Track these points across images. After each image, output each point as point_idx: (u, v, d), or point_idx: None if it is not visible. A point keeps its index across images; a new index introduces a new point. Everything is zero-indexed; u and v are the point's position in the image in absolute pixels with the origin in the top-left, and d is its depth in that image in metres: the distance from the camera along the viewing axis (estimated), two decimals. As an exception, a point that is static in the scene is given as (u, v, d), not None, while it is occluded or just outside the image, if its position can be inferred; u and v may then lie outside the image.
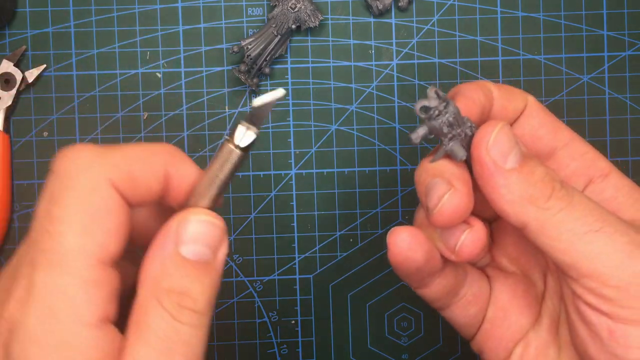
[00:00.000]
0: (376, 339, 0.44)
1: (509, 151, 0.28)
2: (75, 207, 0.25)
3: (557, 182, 0.28)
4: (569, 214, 0.28)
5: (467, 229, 0.30)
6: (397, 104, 0.43)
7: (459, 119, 0.29)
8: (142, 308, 0.26)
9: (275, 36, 0.42)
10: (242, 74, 0.42)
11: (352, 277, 0.44)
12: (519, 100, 0.32)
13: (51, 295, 0.25)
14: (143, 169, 0.27)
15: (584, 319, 0.28)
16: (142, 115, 0.43)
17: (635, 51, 0.44)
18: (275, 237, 0.43)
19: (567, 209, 0.28)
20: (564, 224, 0.28)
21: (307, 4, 0.42)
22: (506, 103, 0.32)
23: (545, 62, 0.44)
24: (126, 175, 0.26)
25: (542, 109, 0.33)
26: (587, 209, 0.28)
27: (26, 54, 0.43)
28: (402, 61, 0.43)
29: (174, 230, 0.27)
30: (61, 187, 0.26)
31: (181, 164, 0.28)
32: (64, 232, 0.25)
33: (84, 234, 0.25)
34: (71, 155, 0.26)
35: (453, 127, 0.28)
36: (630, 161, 0.44)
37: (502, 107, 0.32)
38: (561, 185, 0.28)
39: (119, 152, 0.27)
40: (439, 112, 0.28)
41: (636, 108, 0.44)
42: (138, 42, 0.43)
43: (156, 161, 0.27)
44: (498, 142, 0.28)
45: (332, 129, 0.43)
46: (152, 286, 0.26)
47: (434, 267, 0.31)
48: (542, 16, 0.43)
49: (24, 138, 0.43)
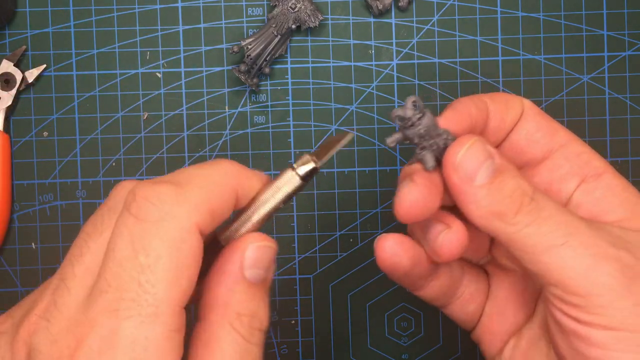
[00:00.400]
0: (376, 339, 0.44)
1: (478, 167, 0.29)
2: (166, 257, 0.25)
3: (526, 197, 0.29)
4: (535, 229, 0.29)
5: (445, 229, 0.31)
6: (397, 104, 0.43)
7: (434, 131, 0.29)
8: (213, 333, 0.27)
9: (275, 36, 0.42)
10: (242, 74, 0.42)
11: (352, 277, 0.44)
12: (515, 109, 0.33)
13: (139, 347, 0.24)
14: (221, 201, 0.27)
15: (554, 317, 0.29)
16: (142, 115, 0.43)
17: (635, 51, 0.44)
18: (275, 237, 0.43)
19: (534, 224, 0.29)
20: (529, 238, 0.29)
21: (307, 4, 0.42)
22: (503, 115, 0.32)
23: (545, 62, 0.44)
24: (208, 215, 0.26)
25: (539, 113, 0.33)
26: (555, 223, 0.29)
27: (26, 54, 0.43)
28: (402, 61, 0.43)
29: (238, 257, 0.28)
30: (147, 234, 0.25)
31: (247, 180, 0.28)
32: (156, 284, 0.25)
33: (174, 285, 0.25)
34: (151, 197, 0.26)
35: (425, 138, 0.29)
36: (630, 161, 0.44)
37: (500, 119, 0.32)
38: (531, 199, 0.29)
39: (197, 190, 0.26)
40: (412, 122, 0.29)
41: (636, 108, 0.44)
42: (138, 42, 0.43)
43: (229, 189, 0.28)
44: (467, 159, 0.29)
45: (332, 129, 0.43)
46: (223, 311, 0.27)
47: (423, 271, 0.33)
48: (542, 16, 0.43)
49: (24, 138, 0.43)
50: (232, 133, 0.43)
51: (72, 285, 0.26)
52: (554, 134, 0.33)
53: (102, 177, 0.43)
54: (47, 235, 0.43)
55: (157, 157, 0.43)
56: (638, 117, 0.44)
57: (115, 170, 0.43)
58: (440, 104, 0.43)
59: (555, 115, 0.43)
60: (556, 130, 0.33)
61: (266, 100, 0.43)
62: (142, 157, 0.43)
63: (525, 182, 0.30)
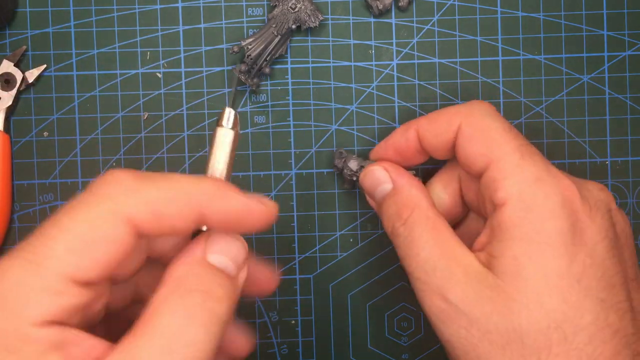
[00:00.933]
0: (376, 339, 0.44)
1: (372, 190, 0.39)
2: (79, 223, 0.27)
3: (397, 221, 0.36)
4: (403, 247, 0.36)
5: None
6: (397, 104, 0.43)
7: (360, 165, 0.41)
8: (155, 307, 0.27)
9: (276, 36, 0.42)
10: (242, 74, 0.42)
11: (352, 277, 0.44)
12: (443, 130, 0.36)
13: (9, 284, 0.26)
14: (171, 212, 0.28)
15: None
16: (142, 115, 0.43)
17: (635, 51, 0.44)
18: (275, 237, 0.43)
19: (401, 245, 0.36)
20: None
21: (307, 4, 0.42)
22: (437, 135, 0.37)
23: (545, 62, 0.44)
24: (151, 215, 0.27)
25: (477, 129, 0.35)
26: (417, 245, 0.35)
27: (26, 54, 0.43)
28: (402, 61, 0.43)
29: (203, 242, 0.29)
30: (81, 201, 0.28)
31: (221, 202, 0.29)
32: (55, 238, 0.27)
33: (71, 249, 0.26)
34: (110, 179, 0.28)
35: (356, 172, 0.41)
36: (630, 161, 0.44)
37: (436, 139, 0.37)
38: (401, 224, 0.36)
39: (153, 191, 0.28)
40: (342, 165, 0.42)
41: (636, 108, 0.44)
42: (138, 42, 0.43)
43: (188, 205, 0.28)
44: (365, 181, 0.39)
45: (332, 129, 0.43)
46: (175, 286, 0.28)
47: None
48: (542, 16, 0.43)
49: (24, 138, 0.43)
50: (232, 133, 0.43)
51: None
52: (489, 149, 0.34)
53: (102, 177, 0.43)
54: (47, 235, 0.43)
55: (157, 157, 0.43)
56: (638, 117, 0.44)
57: (115, 170, 0.43)
58: (440, 104, 0.43)
59: (556, 115, 0.44)
60: (490, 146, 0.34)
61: (266, 100, 0.43)
62: (142, 157, 0.43)
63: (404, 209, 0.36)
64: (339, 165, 0.42)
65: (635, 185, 0.44)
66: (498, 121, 0.35)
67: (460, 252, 0.35)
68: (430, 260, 0.35)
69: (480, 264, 0.34)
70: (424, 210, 0.36)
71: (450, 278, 0.34)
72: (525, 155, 0.34)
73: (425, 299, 0.34)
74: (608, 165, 0.44)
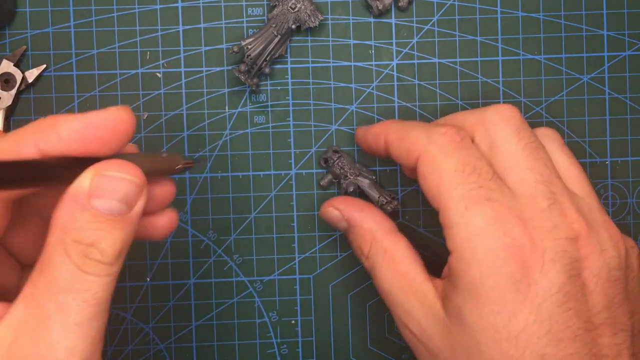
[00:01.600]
0: (376, 339, 0.44)
1: (335, 226, 0.40)
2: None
3: (361, 256, 0.39)
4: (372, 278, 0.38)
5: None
6: (397, 104, 0.43)
7: (351, 167, 0.42)
8: (48, 256, 0.27)
9: (275, 36, 0.42)
10: (242, 74, 0.42)
11: (352, 277, 0.44)
12: (405, 156, 0.36)
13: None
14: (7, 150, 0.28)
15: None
16: (142, 115, 0.43)
17: (635, 51, 0.44)
18: (275, 237, 0.43)
19: (371, 276, 0.38)
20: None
21: (307, 4, 0.42)
22: (397, 158, 0.37)
23: (545, 62, 0.44)
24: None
25: (430, 169, 0.34)
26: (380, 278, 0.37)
27: (26, 54, 0.43)
28: (402, 61, 0.43)
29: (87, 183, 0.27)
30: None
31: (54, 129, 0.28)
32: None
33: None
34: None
35: (345, 172, 0.42)
36: (630, 161, 0.44)
37: (396, 160, 0.37)
38: (365, 258, 0.38)
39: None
40: (333, 162, 0.42)
41: (636, 108, 0.44)
42: (138, 42, 0.43)
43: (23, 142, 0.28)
44: (324, 219, 0.41)
45: (332, 129, 0.43)
46: (60, 236, 0.27)
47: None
48: (542, 16, 0.43)
49: (24, 138, 0.43)
50: (232, 133, 0.43)
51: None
52: (438, 192, 0.34)
53: (102, 177, 0.43)
54: (47, 235, 0.43)
55: (157, 157, 0.43)
56: (638, 117, 0.44)
57: (115, 170, 0.43)
58: (440, 104, 0.43)
59: (555, 115, 0.44)
60: (439, 190, 0.34)
61: (266, 100, 0.43)
62: (142, 157, 0.43)
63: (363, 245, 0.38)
64: (332, 157, 0.42)
65: (635, 185, 0.44)
66: (453, 157, 0.34)
67: (418, 281, 0.35)
68: (392, 294, 0.36)
69: (436, 296, 0.35)
70: (379, 242, 0.37)
71: (409, 311, 0.35)
72: (470, 204, 0.33)
73: (397, 325, 0.37)
74: (608, 165, 0.44)
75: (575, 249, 0.33)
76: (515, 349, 0.31)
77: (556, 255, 0.32)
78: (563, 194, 0.34)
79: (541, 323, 0.31)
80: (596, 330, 0.32)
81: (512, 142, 0.34)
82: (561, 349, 0.31)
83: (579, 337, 0.32)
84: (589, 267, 0.33)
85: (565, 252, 0.32)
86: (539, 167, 0.34)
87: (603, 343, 0.32)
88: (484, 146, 0.35)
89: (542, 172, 0.34)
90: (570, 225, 0.33)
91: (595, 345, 0.32)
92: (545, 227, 0.33)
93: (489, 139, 0.35)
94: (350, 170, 0.42)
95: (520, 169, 0.34)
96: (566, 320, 0.32)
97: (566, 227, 0.33)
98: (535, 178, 0.34)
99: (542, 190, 0.33)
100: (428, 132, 0.35)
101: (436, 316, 0.34)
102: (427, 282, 0.35)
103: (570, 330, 0.32)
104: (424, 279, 0.35)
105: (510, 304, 0.32)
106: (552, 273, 0.32)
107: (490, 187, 0.33)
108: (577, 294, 0.32)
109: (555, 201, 0.33)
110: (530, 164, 0.34)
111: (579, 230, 0.33)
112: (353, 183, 0.42)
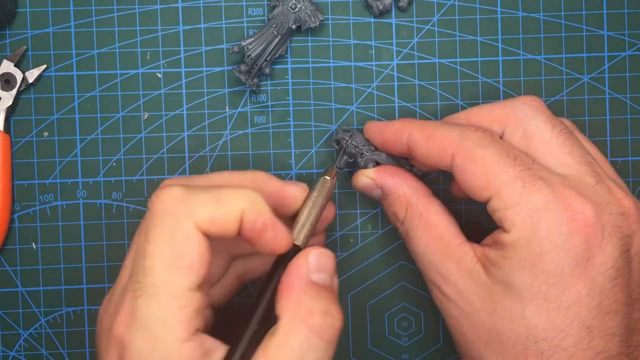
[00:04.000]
0: (376, 339, 0.44)
1: (368, 195, 0.40)
2: (162, 245, 0.30)
3: (396, 222, 0.39)
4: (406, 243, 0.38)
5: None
6: (397, 104, 0.43)
7: (365, 144, 0.41)
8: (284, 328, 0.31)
9: (276, 36, 0.42)
10: (242, 74, 0.42)
11: (352, 277, 0.44)
12: (435, 156, 0.36)
13: (149, 320, 0.30)
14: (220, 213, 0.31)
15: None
16: (143, 116, 0.43)
17: (635, 51, 0.44)
18: (275, 237, 0.43)
19: (405, 241, 0.38)
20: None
21: (307, 4, 0.42)
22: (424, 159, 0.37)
23: (545, 62, 0.44)
24: (207, 217, 0.31)
25: (471, 162, 0.35)
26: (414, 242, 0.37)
27: (26, 54, 0.43)
28: (402, 61, 0.43)
29: (304, 262, 0.33)
30: (151, 226, 0.31)
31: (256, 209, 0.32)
32: (155, 268, 0.30)
33: (170, 268, 0.30)
34: (162, 195, 0.31)
35: (360, 150, 0.41)
36: (630, 161, 0.44)
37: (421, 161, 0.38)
38: (400, 224, 0.38)
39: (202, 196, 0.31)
40: (346, 141, 0.41)
41: (636, 108, 0.44)
42: (138, 42, 0.43)
43: (232, 207, 0.31)
44: (356, 188, 0.41)
45: (332, 128, 0.43)
46: (296, 308, 0.31)
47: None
48: (542, 16, 0.43)
49: (24, 138, 0.43)
50: (232, 133, 0.43)
51: (122, 274, 0.33)
52: (487, 181, 0.34)
53: (102, 177, 0.43)
54: (47, 236, 0.43)
55: (157, 157, 0.43)
56: (638, 117, 0.44)
57: (115, 171, 0.43)
58: (440, 104, 0.43)
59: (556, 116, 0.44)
60: (488, 178, 0.34)
61: (266, 100, 0.43)
62: (142, 157, 0.43)
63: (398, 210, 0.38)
64: (345, 137, 0.41)
65: (635, 185, 0.44)
66: (492, 147, 0.34)
67: (455, 244, 0.36)
68: (426, 256, 0.36)
69: (475, 259, 0.35)
70: (415, 207, 0.37)
71: (444, 273, 0.35)
72: (527, 182, 0.33)
73: (429, 288, 0.37)
74: (608, 165, 0.44)
75: (627, 225, 0.34)
76: (564, 319, 0.32)
77: (612, 230, 0.33)
78: (605, 174, 0.35)
79: (593, 297, 0.32)
80: (633, 305, 0.33)
81: (547, 130, 0.35)
82: (605, 322, 0.32)
83: (620, 312, 0.33)
84: (635, 243, 0.34)
85: (619, 227, 0.33)
86: (577, 150, 0.35)
87: (635, 317, 0.34)
88: (516, 137, 0.36)
89: (581, 154, 0.35)
90: (620, 202, 0.34)
91: (630, 319, 0.33)
92: (601, 203, 0.33)
93: (522, 129, 0.36)
94: (365, 147, 0.40)
95: (559, 154, 0.35)
96: (614, 294, 0.33)
97: (617, 204, 0.34)
98: (577, 160, 0.35)
99: (587, 170, 0.34)
100: (459, 130, 0.36)
101: (476, 278, 0.34)
102: (464, 245, 0.36)
103: (616, 304, 0.33)
104: (461, 242, 0.36)
105: (567, 277, 0.32)
106: (609, 248, 0.33)
107: (538, 168, 0.34)
108: (624, 270, 0.33)
109: (601, 179, 0.34)
110: (568, 149, 0.35)
111: (628, 206, 0.34)
112: (371, 159, 0.40)
